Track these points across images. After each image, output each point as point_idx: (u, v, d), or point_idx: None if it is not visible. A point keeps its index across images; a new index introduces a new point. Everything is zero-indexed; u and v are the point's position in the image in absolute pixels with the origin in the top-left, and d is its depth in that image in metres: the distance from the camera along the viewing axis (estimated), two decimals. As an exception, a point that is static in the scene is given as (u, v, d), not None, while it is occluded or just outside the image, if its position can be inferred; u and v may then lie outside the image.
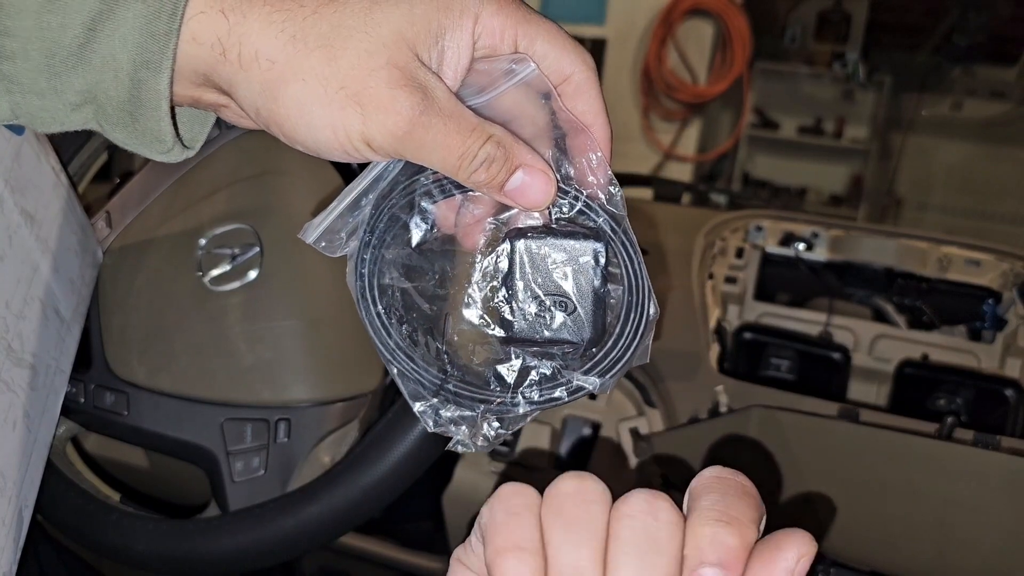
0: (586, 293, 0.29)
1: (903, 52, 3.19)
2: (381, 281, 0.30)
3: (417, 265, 0.30)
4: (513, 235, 0.29)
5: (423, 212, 0.30)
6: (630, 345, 0.29)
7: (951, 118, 3.06)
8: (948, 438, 0.58)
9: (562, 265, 0.29)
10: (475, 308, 0.30)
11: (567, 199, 0.29)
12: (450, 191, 0.29)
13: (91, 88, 0.26)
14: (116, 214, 0.54)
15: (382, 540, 0.69)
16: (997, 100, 3.00)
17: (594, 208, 0.29)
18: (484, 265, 0.30)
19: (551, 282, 0.29)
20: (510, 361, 0.30)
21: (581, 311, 0.29)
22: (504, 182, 0.27)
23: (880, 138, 3.25)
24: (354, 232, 0.29)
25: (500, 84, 0.28)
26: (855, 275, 0.85)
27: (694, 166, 3.15)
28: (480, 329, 0.30)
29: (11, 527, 0.42)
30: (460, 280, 0.30)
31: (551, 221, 0.29)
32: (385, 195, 0.29)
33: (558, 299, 0.29)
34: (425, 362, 0.30)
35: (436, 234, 0.30)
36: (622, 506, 0.23)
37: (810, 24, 3.18)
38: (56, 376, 0.47)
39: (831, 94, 3.30)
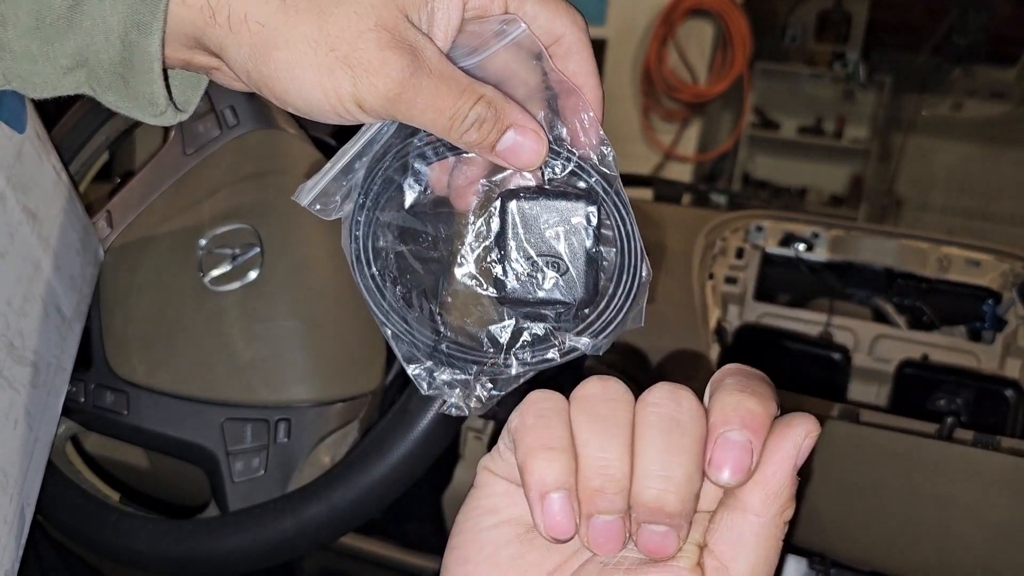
0: (578, 253, 0.29)
1: (903, 52, 3.19)
2: (376, 244, 0.29)
3: (411, 227, 0.29)
4: (505, 196, 0.29)
5: (416, 174, 0.29)
6: (623, 306, 0.29)
7: (951, 118, 3.06)
8: (948, 438, 0.58)
9: (554, 225, 0.29)
10: (468, 268, 0.30)
11: (559, 160, 0.29)
12: (443, 153, 0.29)
13: (82, 51, 0.26)
14: (117, 213, 0.54)
15: (382, 541, 0.69)
16: (997, 100, 3.00)
17: (586, 169, 0.29)
18: (477, 226, 0.30)
19: (543, 242, 0.29)
20: (503, 322, 0.30)
21: (573, 271, 0.29)
22: (495, 142, 0.27)
23: (880, 138, 3.25)
24: (348, 195, 0.29)
25: (491, 45, 0.27)
26: (855, 275, 0.85)
27: (694, 166, 3.15)
28: (473, 289, 0.29)
29: (13, 525, 0.42)
30: (454, 242, 0.30)
31: (543, 182, 0.29)
32: (379, 158, 0.29)
33: (550, 259, 0.29)
34: (419, 324, 0.30)
35: (430, 196, 0.30)
36: (647, 396, 0.24)
37: (810, 24, 3.18)
38: (57, 374, 0.47)
39: (831, 94, 3.30)
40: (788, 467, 0.23)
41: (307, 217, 0.50)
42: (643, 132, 3.10)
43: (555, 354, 0.29)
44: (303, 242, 0.49)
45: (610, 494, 0.23)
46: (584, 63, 0.29)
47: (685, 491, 0.23)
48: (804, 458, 0.24)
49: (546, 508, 0.23)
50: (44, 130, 0.46)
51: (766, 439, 0.24)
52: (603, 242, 0.29)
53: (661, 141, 3.09)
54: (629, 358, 0.73)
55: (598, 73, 0.30)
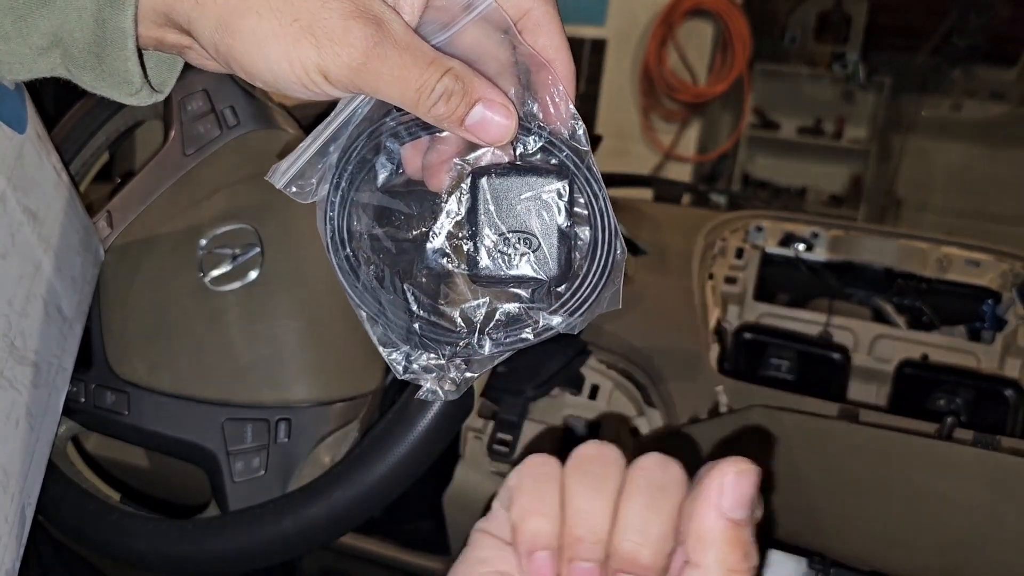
0: (551, 230, 0.28)
1: (903, 53, 3.19)
2: (350, 225, 0.29)
3: (385, 208, 0.29)
4: (477, 172, 0.28)
5: (390, 154, 0.29)
6: (598, 284, 0.29)
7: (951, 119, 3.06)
8: (948, 438, 0.58)
9: (526, 202, 0.28)
10: (438, 245, 0.29)
11: (530, 136, 0.28)
12: (417, 133, 0.29)
13: (56, 30, 0.26)
14: (117, 214, 0.54)
15: (382, 540, 0.70)
16: (997, 101, 3.00)
17: (557, 144, 0.28)
18: (448, 204, 0.29)
19: (515, 219, 0.28)
20: (476, 300, 0.30)
21: (545, 248, 0.28)
22: (464, 116, 0.27)
23: (880, 139, 3.25)
24: (323, 177, 0.29)
25: (459, 20, 0.27)
26: (855, 275, 0.85)
27: (694, 166, 3.15)
28: (445, 268, 0.29)
29: (14, 524, 0.42)
30: (426, 221, 0.30)
31: (515, 158, 0.29)
32: (353, 138, 0.29)
33: (522, 236, 0.28)
34: (393, 306, 0.29)
35: (403, 176, 0.30)
36: (638, 461, 0.26)
37: (810, 25, 3.18)
38: (58, 374, 0.47)
39: (831, 95, 3.30)
40: (711, 515, 0.23)
41: (307, 217, 0.50)
42: (643, 132, 3.10)
43: (529, 333, 0.29)
44: (303, 242, 0.49)
45: (589, 543, 0.25)
46: (553, 36, 0.29)
47: (659, 548, 0.24)
48: (736, 503, 0.23)
49: (533, 563, 0.25)
50: (44, 130, 0.46)
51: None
52: (577, 219, 0.29)
53: (661, 141, 3.09)
54: (629, 358, 0.73)
55: (568, 47, 0.29)
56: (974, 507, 0.55)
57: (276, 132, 0.53)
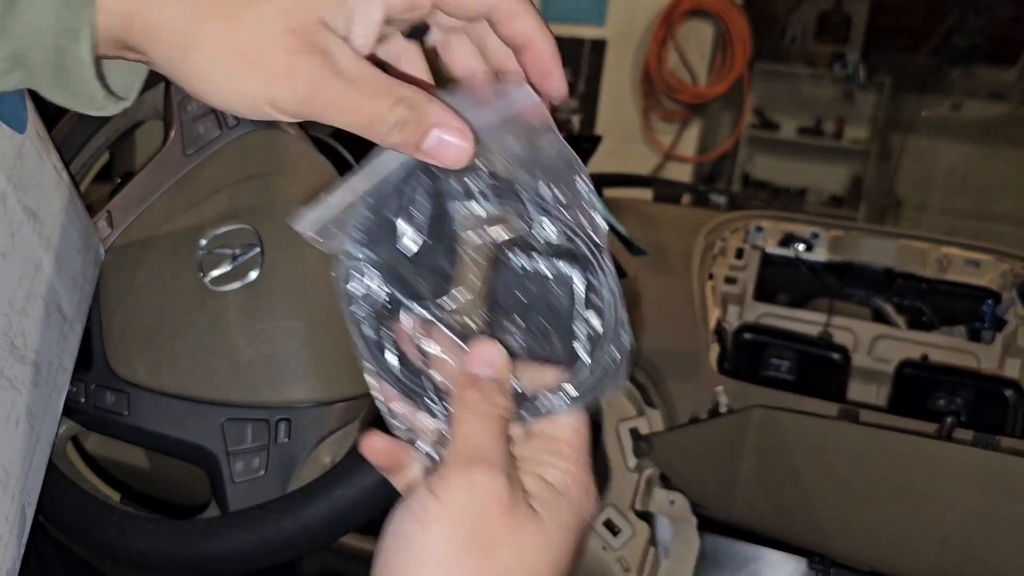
0: (562, 315, 0.29)
1: (903, 53, 3.19)
2: (369, 283, 0.30)
3: (405, 270, 0.30)
4: (496, 250, 0.29)
5: (411, 218, 0.30)
6: (602, 374, 0.29)
7: (951, 119, 3.06)
8: (948, 438, 0.58)
9: (539, 285, 0.29)
10: (451, 318, 0.30)
11: (553, 223, 0.29)
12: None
13: (18, 55, 0.26)
14: (117, 213, 0.54)
15: (382, 540, 0.69)
16: (996, 101, 3.00)
17: (578, 235, 0.29)
18: (467, 277, 0.30)
19: (527, 299, 0.29)
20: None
21: (554, 332, 0.29)
22: (419, 142, 0.27)
23: (880, 139, 3.25)
24: (344, 228, 0.29)
25: (492, 103, 0.28)
26: (855, 276, 0.85)
27: (694, 167, 3.15)
28: (454, 339, 0.30)
29: (14, 524, 0.42)
30: (440, 288, 0.30)
31: (537, 241, 0.29)
32: (379, 195, 0.29)
33: (532, 316, 0.29)
34: (405, 367, 0.30)
35: (424, 240, 0.30)
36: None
37: (810, 25, 3.18)
38: (58, 373, 0.47)
39: (831, 95, 3.30)
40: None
41: (307, 217, 0.50)
42: (643, 132, 3.10)
43: (526, 412, 0.29)
44: (303, 242, 0.49)
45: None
46: (526, 22, 0.29)
47: None
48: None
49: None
50: (45, 130, 0.46)
51: None
52: (590, 306, 0.29)
53: (661, 141, 3.09)
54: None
55: (546, 28, 0.29)
56: (973, 507, 0.55)
57: (276, 132, 0.53)
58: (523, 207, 0.29)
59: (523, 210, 0.29)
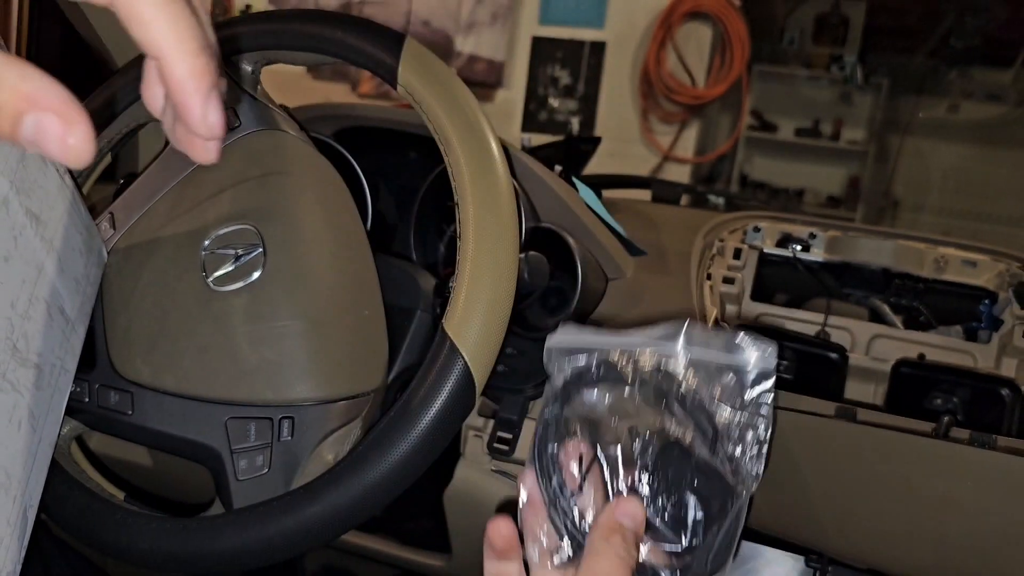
0: (703, 511, 0.33)
1: (900, 55, 3.20)
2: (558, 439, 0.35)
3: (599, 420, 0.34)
4: (668, 445, 0.33)
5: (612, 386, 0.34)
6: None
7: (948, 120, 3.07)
8: (945, 437, 0.59)
9: (698, 477, 0.33)
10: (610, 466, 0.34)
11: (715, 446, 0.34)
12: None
13: None
14: (120, 215, 0.54)
15: (383, 538, 0.70)
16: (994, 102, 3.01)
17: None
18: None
19: (680, 485, 0.33)
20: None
21: (684, 523, 0.33)
22: (14, 132, 0.21)
23: (877, 140, 3.26)
24: (572, 354, 0.35)
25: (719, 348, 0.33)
26: (852, 276, 0.85)
27: (693, 168, 3.16)
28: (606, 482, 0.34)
29: (16, 526, 0.42)
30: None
31: (710, 456, 0.33)
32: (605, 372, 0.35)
33: (675, 500, 0.33)
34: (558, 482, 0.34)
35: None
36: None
37: (808, 27, 3.19)
38: (61, 376, 0.47)
39: (829, 96, 3.31)
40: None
41: (309, 218, 0.50)
42: (642, 134, 3.11)
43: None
44: (305, 242, 0.50)
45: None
46: (148, 27, 0.22)
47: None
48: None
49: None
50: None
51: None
52: (719, 518, 0.33)
53: (660, 143, 3.10)
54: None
55: (183, 40, 0.22)
56: (970, 505, 0.56)
57: (278, 133, 0.54)
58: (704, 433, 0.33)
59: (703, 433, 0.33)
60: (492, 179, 0.46)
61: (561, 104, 3.15)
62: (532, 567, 0.34)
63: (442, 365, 0.43)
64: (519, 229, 0.47)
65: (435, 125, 0.48)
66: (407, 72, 0.48)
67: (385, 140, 0.73)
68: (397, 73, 0.48)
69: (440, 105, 0.47)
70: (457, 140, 0.47)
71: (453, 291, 0.45)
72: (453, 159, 0.47)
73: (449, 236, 0.73)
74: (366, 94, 3.31)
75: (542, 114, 3.20)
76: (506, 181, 0.47)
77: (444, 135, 0.47)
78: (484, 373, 0.43)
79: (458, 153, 0.46)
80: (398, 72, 0.48)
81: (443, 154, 0.47)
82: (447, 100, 0.48)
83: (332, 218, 0.51)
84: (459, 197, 0.46)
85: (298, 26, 0.51)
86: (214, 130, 0.24)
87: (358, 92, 3.34)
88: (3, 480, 0.40)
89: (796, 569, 0.69)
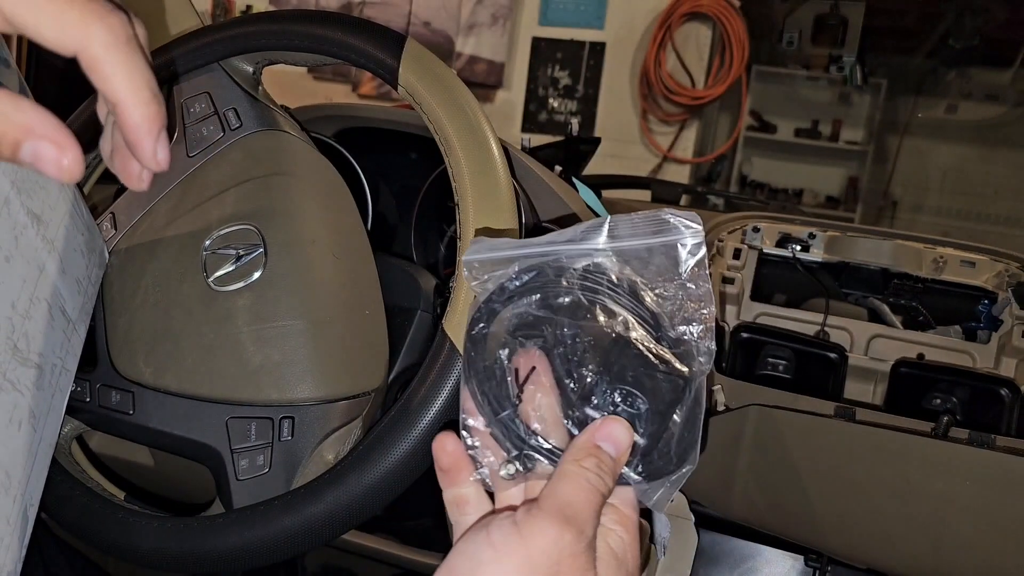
0: (656, 406, 0.31)
1: (899, 55, 3.20)
2: (504, 311, 0.32)
3: (526, 324, 0.32)
4: (622, 327, 0.32)
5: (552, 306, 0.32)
6: (668, 472, 0.31)
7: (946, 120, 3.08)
8: (944, 437, 0.59)
9: (649, 371, 0.31)
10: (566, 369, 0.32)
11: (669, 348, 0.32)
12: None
13: None
14: (121, 215, 0.54)
15: (384, 537, 0.70)
16: (992, 103, 3.02)
17: (687, 361, 0.32)
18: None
19: (634, 382, 0.32)
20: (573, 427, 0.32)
21: (645, 418, 0.31)
22: (13, 155, 0.24)
23: (876, 140, 3.27)
24: (496, 277, 0.33)
25: (647, 238, 0.31)
26: (851, 276, 0.86)
27: (692, 168, 3.16)
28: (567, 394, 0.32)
29: (16, 526, 0.42)
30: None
31: (655, 344, 0.32)
32: (551, 275, 0.32)
33: (633, 396, 0.31)
34: (508, 419, 0.32)
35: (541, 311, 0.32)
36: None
37: (807, 28, 3.20)
38: (61, 376, 0.47)
39: (828, 97, 3.32)
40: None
41: (309, 218, 0.50)
42: (641, 134, 3.11)
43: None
44: (306, 242, 0.50)
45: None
46: (108, 81, 0.25)
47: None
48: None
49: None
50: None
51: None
52: (677, 409, 0.32)
53: (659, 143, 3.10)
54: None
55: (138, 89, 0.25)
56: (969, 505, 0.56)
57: (278, 134, 0.54)
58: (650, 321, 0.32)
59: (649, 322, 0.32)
60: (492, 179, 0.46)
61: (561, 104, 3.16)
62: (495, 489, 0.33)
63: (442, 365, 0.43)
64: (519, 229, 0.47)
65: (436, 126, 0.48)
66: (408, 73, 0.48)
67: (385, 140, 0.73)
68: (398, 74, 0.49)
69: (441, 106, 0.48)
70: (457, 141, 0.47)
71: (453, 291, 0.45)
72: (453, 159, 0.47)
73: (449, 236, 0.73)
74: (366, 95, 3.31)
75: (542, 114, 3.21)
76: (506, 181, 0.47)
77: (444, 136, 0.47)
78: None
79: (458, 153, 0.46)
80: (399, 73, 0.49)
81: (443, 154, 0.48)
82: (448, 101, 0.48)
83: (333, 218, 0.51)
84: (459, 197, 0.46)
85: (299, 27, 0.51)
86: (162, 164, 0.27)
87: (359, 93, 3.35)
88: (3, 480, 0.41)
89: (795, 568, 0.69)
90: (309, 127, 0.59)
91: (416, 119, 0.50)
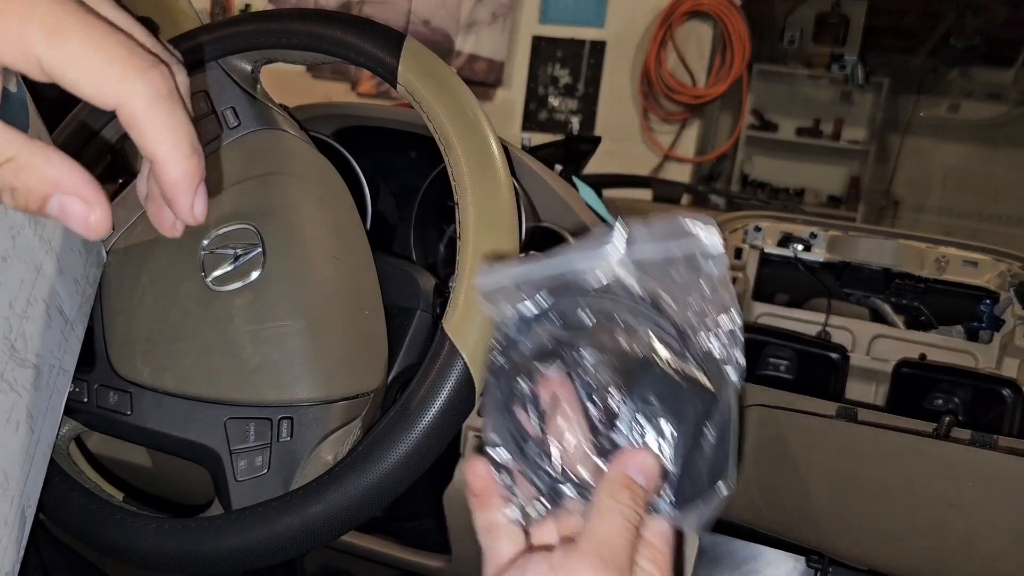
0: (682, 429, 0.30)
1: (901, 54, 3.20)
2: (524, 339, 0.32)
3: (552, 355, 0.31)
4: (646, 349, 0.30)
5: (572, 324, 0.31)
6: (701, 497, 0.30)
7: (948, 120, 3.07)
8: (945, 437, 0.59)
9: (674, 391, 0.30)
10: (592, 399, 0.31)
11: (691, 359, 0.30)
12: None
13: None
14: (119, 215, 0.54)
15: (383, 539, 0.70)
16: (994, 102, 3.01)
17: (711, 375, 0.30)
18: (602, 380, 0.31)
19: (661, 403, 0.30)
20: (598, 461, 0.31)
21: (673, 442, 0.30)
22: (40, 208, 0.24)
23: (878, 139, 3.26)
24: (514, 302, 0.32)
25: (668, 243, 0.29)
26: (853, 275, 0.85)
27: (693, 167, 3.16)
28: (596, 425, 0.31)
29: (14, 527, 0.42)
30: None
31: (680, 361, 0.30)
32: (557, 285, 0.31)
33: (657, 419, 0.30)
34: (533, 448, 0.31)
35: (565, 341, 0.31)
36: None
37: (808, 26, 3.19)
38: (59, 376, 0.47)
39: (829, 96, 3.32)
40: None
41: (308, 218, 0.50)
42: (642, 133, 3.11)
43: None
44: (305, 242, 0.49)
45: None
46: (151, 136, 0.25)
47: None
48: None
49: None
50: (47, 132, 0.47)
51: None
52: (705, 431, 0.30)
53: (660, 142, 3.10)
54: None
55: (177, 145, 0.25)
56: (971, 505, 0.56)
57: (277, 133, 0.53)
58: (671, 334, 0.30)
59: (671, 336, 0.30)
60: (492, 179, 0.46)
61: (561, 103, 3.16)
62: (527, 525, 0.32)
63: (442, 365, 0.43)
64: (519, 229, 0.47)
65: (435, 125, 0.47)
66: (407, 71, 0.48)
67: (385, 140, 0.73)
68: (397, 72, 0.48)
69: (440, 104, 0.47)
70: (457, 140, 0.46)
71: (453, 291, 0.45)
72: (453, 159, 0.46)
73: (449, 236, 0.73)
74: (366, 93, 3.31)
75: (542, 113, 3.21)
76: (506, 181, 0.46)
77: (444, 135, 0.47)
78: (484, 373, 0.43)
79: (458, 153, 0.46)
80: (398, 71, 0.48)
81: (443, 154, 0.47)
82: (447, 99, 0.47)
83: (332, 218, 0.51)
84: (459, 197, 0.46)
85: (298, 25, 0.51)
86: (199, 219, 0.27)
87: (358, 91, 3.34)
88: (1, 481, 0.40)
89: (797, 570, 0.69)
90: (308, 126, 0.59)
91: (416, 118, 0.50)
